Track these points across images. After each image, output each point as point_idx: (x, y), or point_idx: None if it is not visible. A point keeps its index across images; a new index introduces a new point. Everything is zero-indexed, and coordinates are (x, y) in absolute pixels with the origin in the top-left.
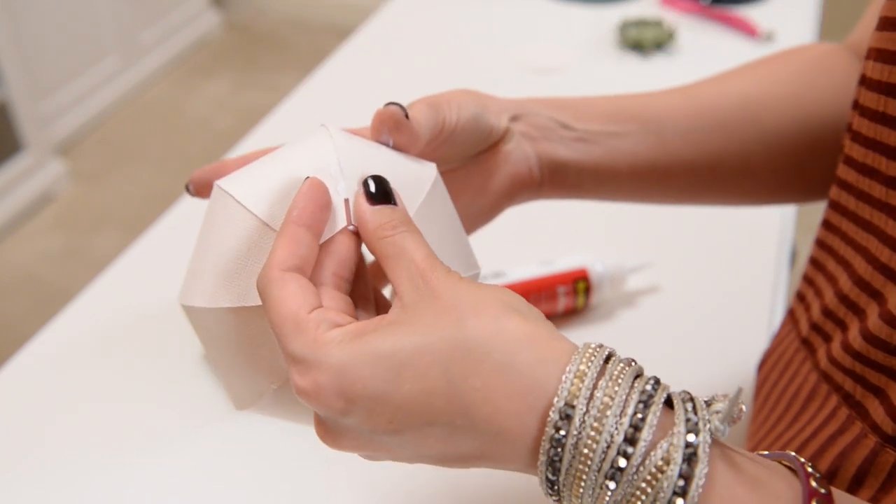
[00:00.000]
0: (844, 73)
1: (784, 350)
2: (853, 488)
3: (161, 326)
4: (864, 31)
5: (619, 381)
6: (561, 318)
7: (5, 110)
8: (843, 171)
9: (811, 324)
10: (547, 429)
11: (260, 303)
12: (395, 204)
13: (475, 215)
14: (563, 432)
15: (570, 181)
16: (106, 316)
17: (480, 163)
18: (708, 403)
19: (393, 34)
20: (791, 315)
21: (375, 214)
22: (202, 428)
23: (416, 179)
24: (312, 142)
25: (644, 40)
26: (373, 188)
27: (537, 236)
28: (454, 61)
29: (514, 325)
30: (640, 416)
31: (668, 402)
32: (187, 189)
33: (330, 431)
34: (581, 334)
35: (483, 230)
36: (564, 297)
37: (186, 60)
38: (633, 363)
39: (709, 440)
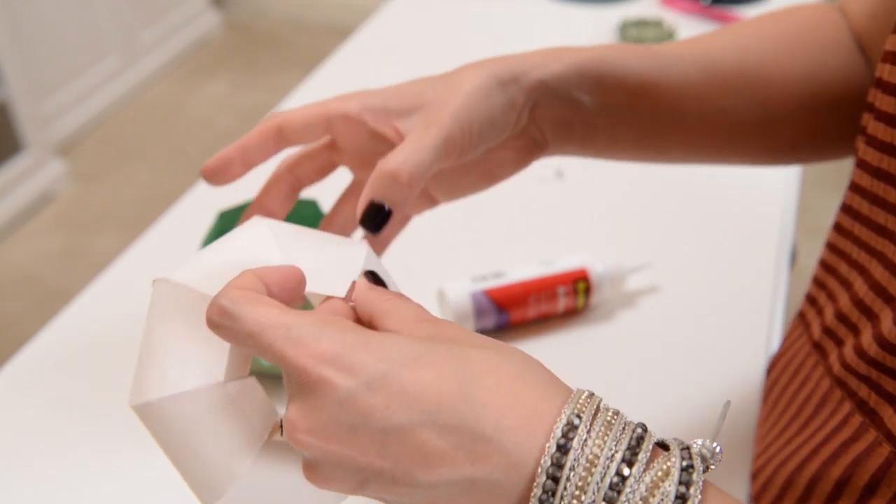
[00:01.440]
0: (829, 36)
1: (795, 353)
2: (865, 497)
3: None
4: None
5: (612, 424)
6: (561, 318)
7: (5, 110)
8: (857, 175)
9: (823, 328)
10: (555, 428)
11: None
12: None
13: (477, 185)
14: (571, 440)
15: (572, 151)
16: (106, 316)
17: (489, 153)
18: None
19: (393, 34)
20: (802, 318)
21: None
22: None
23: (348, 258)
24: (252, 232)
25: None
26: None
27: (537, 236)
28: (454, 61)
29: (520, 354)
30: (636, 442)
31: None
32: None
33: (315, 467)
34: (581, 334)
35: (483, 230)
36: (564, 298)
37: (186, 60)
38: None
39: (700, 466)
